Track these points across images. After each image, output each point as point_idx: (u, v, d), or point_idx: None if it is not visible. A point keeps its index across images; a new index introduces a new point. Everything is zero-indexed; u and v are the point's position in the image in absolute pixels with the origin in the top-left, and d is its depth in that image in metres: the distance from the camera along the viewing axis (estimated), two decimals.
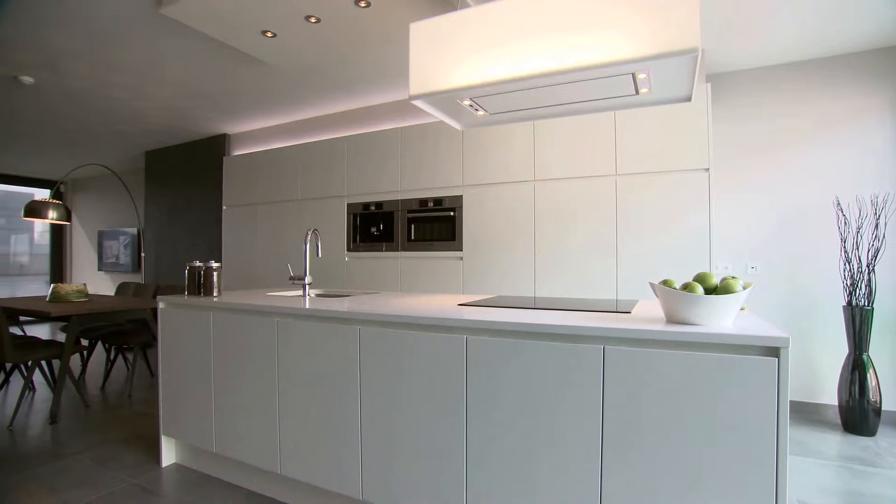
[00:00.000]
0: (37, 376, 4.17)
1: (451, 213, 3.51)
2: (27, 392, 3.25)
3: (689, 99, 1.90)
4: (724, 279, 1.38)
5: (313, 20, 2.72)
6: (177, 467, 2.44)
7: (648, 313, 1.65)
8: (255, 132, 5.21)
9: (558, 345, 1.45)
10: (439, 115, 2.20)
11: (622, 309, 1.76)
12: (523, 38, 1.73)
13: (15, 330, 4.15)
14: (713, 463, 1.24)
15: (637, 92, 1.88)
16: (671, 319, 1.43)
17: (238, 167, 4.84)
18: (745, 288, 1.33)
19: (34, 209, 4.54)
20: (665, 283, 1.44)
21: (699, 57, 1.52)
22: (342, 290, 2.92)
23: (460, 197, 3.49)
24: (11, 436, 2.88)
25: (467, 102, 2.05)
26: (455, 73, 1.86)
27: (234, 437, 2.17)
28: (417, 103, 2.00)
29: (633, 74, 1.71)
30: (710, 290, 1.38)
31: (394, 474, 1.73)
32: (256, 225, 4.67)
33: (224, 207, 4.95)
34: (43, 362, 3.64)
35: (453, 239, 3.50)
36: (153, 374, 4.32)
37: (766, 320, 1.49)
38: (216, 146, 5.41)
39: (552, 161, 3.19)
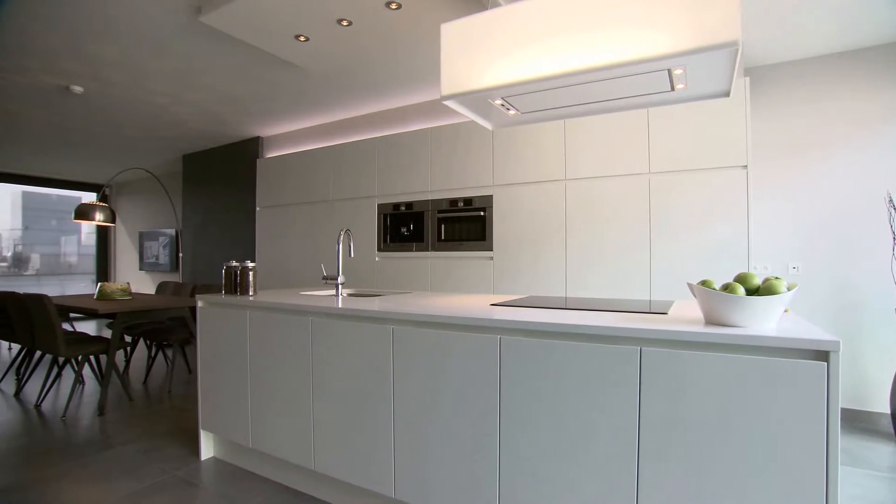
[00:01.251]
0: (84, 369, 4.37)
1: (482, 213, 3.51)
2: (77, 385, 3.45)
3: (727, 94, 1.84)
4: (766, 280, 1.34)
5: (345, 23, 2.76)
6: (215, 461, 2.52)
7: (686, 314, 1.60)
8: (288, 134, 5.32)
9: (594, 346, 1.43)
10: (470, 115, 2.20)
11: (658, 310, 1.72)
12: (555, 35, 1.71)
13: (66, 326, 4.37)
14: (757, 473, 1.20)
15: (672, 88, 1.84)
16: (710, 321, 1.39)
17: (271, 169, 4.96)
18: (789, 289, 1.28)
19: (83, 211, 4.77)
20: (704, 283, 1.40)
21: (740, 50, 1.47)
22: (373, 290, 2.95)
23: (490, 197, 3.48)
24: (65, 426, 3.04)
25: (499, 102, 2.05)
26: (487, 73, 1.86)
27: (269, 432, 2.23)
28: (449, 104, 2.01)
29: (669, 70, 1.67)
30: (751, 292, 1.34)
31: (426, 473, 1.74)
32: (289, 225, 4.77)
33: (257, 208, 5.08)
34: (91, 357, 3.81)
35: (483, 239, 3.49)
36: (191, 370, 4.47)
37: (811, 323, 1.42)
38: (250, 149, 5.56)
39: (583, 160, 3.14)
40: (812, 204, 3.25)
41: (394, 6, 2.57)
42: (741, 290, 1.32)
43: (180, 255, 6.48)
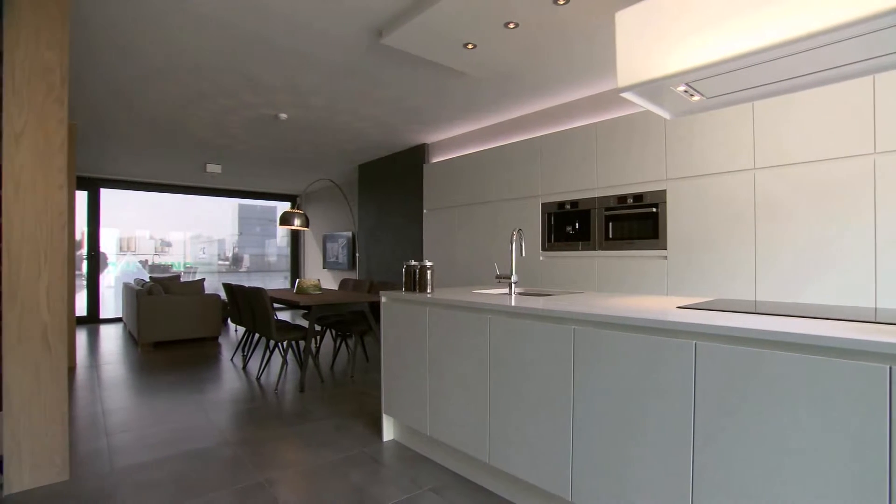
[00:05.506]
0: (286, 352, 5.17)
1: (654, 210, 3.25)
2: (284, 365, 4.14)
3: None
4: None
5: (512, 26, 2.80)
6: (395, 443, 2.77)
7: None
8: (451, 140, 5.60)
9: (818, 359, 1.22)
10: (647, 106, 2.06)
11: None
12: (757, 4, 1.51)
13: None
14: None
15: None
16: None
17: (436, 173, 5.28)
18: None
19: (286, 218, 5.65)
20: None
21: None
22: (542, 289, 2.95)
23: (663, 192, 3.21)
24: (277, 398, 3.65)
25: (681, 88, 1.88)
26: (671, 58, 1.73)
27: (445, 422, 2.37)
28: (626, 95, 1.91)
29: None
30: None
31: (608, 479, 1.68)
32: (454, 226, 5.02)
33: (424, 211, 5.45)
34: (293, 342, 4.50)
35: (656, 237, 3.24)
36: (368, 359, 4.98)
37: None
38: (416, 155, 5.99)
39: (777, 144, 2.70)
40: None
41: (561, 2, 2.53)
42: None
43: (356, 254, 7.28)
